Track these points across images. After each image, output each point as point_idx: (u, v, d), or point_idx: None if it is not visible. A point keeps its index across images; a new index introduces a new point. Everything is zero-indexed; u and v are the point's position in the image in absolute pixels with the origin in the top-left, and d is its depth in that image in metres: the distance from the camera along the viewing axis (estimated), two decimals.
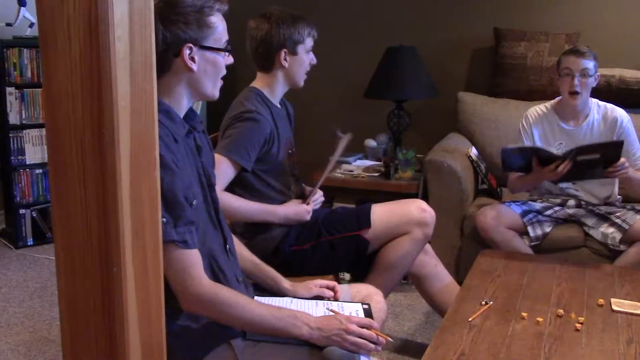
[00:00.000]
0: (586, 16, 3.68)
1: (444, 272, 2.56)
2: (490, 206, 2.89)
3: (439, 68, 3.89)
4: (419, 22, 4.00)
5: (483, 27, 3.82)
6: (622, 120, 2.83)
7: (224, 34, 1.52)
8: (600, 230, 2.83)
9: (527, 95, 3.57)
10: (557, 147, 2.88)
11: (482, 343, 1.82)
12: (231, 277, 1.59)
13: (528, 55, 3.58)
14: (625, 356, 1.76)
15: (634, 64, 3.56)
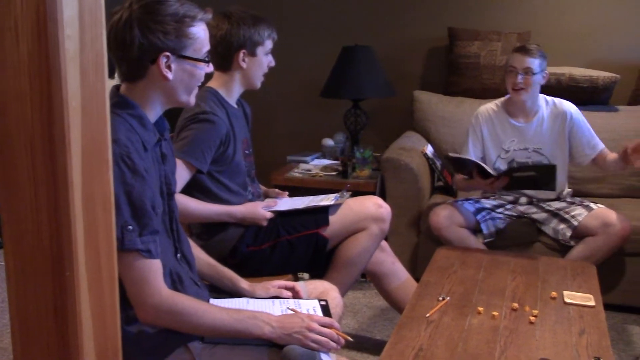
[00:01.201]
0: (537, 16, 3.77)
1: (402, 269, 2.59)
2: (443, 205, 2.93)
3: (394, 67, 3.92)
4: (374, 21, 4.03)
5: (437, 26, 3.87)
6: (570, 114, 2.91)
7: (205, 44, 1.50)
8: (551, 227, 2.89)
9: (481, 94, 3.64)
10: (509, 144, 2.94)
11: (440, 338, 1.85)
12: (187, 282, 1.57)
13: (481, 55, 3.65)
14: (577, 347, 1.81)
15: (583, 62, 3.66)
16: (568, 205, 2.92)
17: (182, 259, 1.59)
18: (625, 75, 3.51)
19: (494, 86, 3.61)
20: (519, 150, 2.94)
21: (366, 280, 3.33)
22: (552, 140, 2.92)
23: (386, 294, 2.59)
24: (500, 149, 2.97)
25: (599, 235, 2.72)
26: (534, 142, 2.93)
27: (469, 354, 1.76)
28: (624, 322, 2.95)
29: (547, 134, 2.92)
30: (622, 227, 2.71)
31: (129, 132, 1.39)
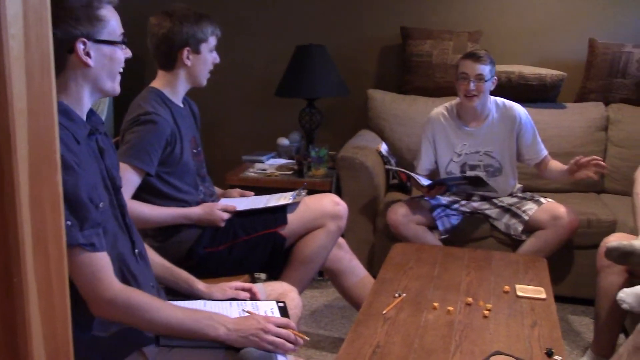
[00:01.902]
0: (487, 15, 3.83)
1: (359, 266, 2.60)
2: (400, 203, 2.96)
3: (349, 66, 3.94)
4: (328, 21, 4.04)
5: (390, 25, 3.90)
6: (520, 117, 2.97)
7: (118, 27, 1.48)
8: (504, 222, 2.96)
9: (434, 92, 3.68)
10: (461, 147, 2.99)
11: (397, 334, 1.87)
12: (143, 282, 1.55)
13: (434, 53, 3.69)
14: (530, 339, 1.85)
15: (532, 60, 3.74)
16: (519, 200, 2.98)
17: (139, 256, 1.56)
18: (571, 73, 3.60)
19: (447, 84, 3.66)
20: (471, 153, 2.99)
21: (324, 279, 3.33)
22: (502, 143, 2.98)
23: (344, 292, 2.60)
24: (452, 153, 3.01)
25: (548, 228, 2.80)
26: (484, 145, 2.98)
27: (425, 349, 1.79)
28: (574, 313, 3.03)
29: (497, 136, 2.98)
30: (570, 220, 2.78)
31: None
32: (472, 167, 3.00)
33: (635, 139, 3.42)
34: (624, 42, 3.56)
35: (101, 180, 1.46)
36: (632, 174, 2.48)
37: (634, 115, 3.49)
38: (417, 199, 2.99)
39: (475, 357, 1.74)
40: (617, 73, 3.56)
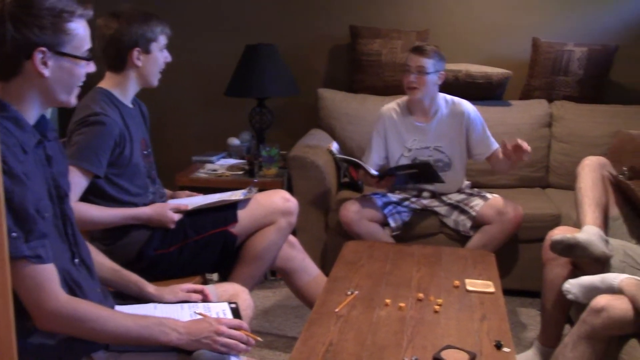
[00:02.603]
0: (434, 15, 3.89)
1: (312, 265, 2.61)
2: (352, 200, 2.98)
3: (299, 65, 3.94)
4: (277, 20, 4.02)
5: (340, 24, 3.92)
6: (468, 113, 3.03)
7: (86, 41, 1.44)
8: (452, 218, 3.01)
9: (384, 91, 3.72)
10: (412, 143, 3.03)
11: (349, 332, 1.88)
12: (88, 289, 1.51)
13: (383, 52, 3.73)
14: (479, 332, 1.89)
15: (478, 59, 3.81)
16: (467, 197, 3.04)
17: (80, 264, 1.52)
18: (516, 71, 3.69)
19: (396, 83, 3.69)
20: (421, 148, 3.04)
21: (276, 278, 3.33)
22: (451, 138, 3.03)
23: (297, 291, 2.60)
24: (403, 148, 3.05)
25: (494, 223, 2.86)
26: (434, 141, 3.03)
27: (377, 345, 1.80)
28: (521, 306, 3.11)
29: (447, 132, 3.03)
30: (515, 215, 2.86)
31: (4, 135, 1.32)
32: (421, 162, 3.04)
33: (577, 135, 3.53)
34: (566, 41, 3.67)
35: (46, 189, 1.42)
36: (575, 169, 2.55)
37: (576, 112, 3.60)
38: (368, 197, 3.02)
39: (427, 351, 1.76)
40: (559, 71, 3.66)
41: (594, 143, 3.46)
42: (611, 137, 3.44)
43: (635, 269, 2.21)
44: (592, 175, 2.47)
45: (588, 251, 2.21)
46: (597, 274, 2.13)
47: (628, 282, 1.98)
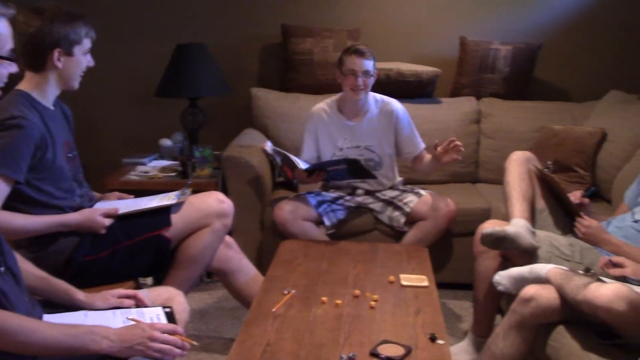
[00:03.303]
0: (365, 13, 3.93)
1: (249, 265, 2.59)
2: (286, 200, 2.98)
3: (231, 64, 3.90)
4: (208, 19, 3.97)
5: (271, 23, 3.91)
6: (397, 112, 3.08)
7: (7, 41, 1.38)
8: (387, 215, 3.05)
9: (316, 89, 3.73)
10: (343, 142, 3.05)
11: (287, 331, 1.88)
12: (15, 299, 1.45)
13: (314, 51, 3.74)
14: (414, 326, 1.92)
15: (408, 57, 3.88)
16: (400, 193, 3.09)
17: (6, 273, 1.46)
18: (445, 70, 3.77)
19: (329, 82, 3.72)
20: (352, 148, 3.06)
21: (213, 280, 3.29)
22: (381, 138, 3.07)
23: (235, 291, 2.58)
24: (334, 147, 3.07)
25: (428, 219, 2.92)
26: (365, 140, 3.06)
27: (314, 344, 1.81)
28: (455, 298, 3.18)
29: (377, 131, 3.07)
30: (447, 211, 2.92)
31: None
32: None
33: (505, 130, 3.64)
34: (492, 39, 3.77)
35: None
36: (503, 164, 2.63)
37: (502, 108, 3.71)
38: (302, 196, 3.02)
39: (364, 347, 1.78)
40: (486, 69, 3.77)
41: (520, 138, 3.58)
42: (536, 132, 3.57)
43: (561, 259, 2.30)
44: (518, 170, 2.55)
45: (516, 243, 2.28)
46: (525, 265, 2.20)
47: (554, 271, 2.06)
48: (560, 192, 2.52)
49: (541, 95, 3.89)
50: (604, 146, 3.29)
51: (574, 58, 3.94)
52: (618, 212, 2.61)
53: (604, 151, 3.28)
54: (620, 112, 3.39)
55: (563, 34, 3.90)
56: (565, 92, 3.96)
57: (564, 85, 3.98)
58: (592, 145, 3.30)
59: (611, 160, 3.19)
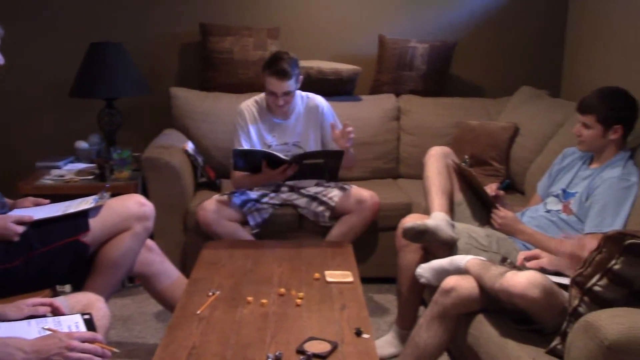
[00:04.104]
0: (284, 12, 3.93)
1: (172, 268, 2.54)
2: (210, 200, 2.94)
3: (149, 64, 3.82)
4: (124, 17, 3.87)
5: (189, 22, 3.84)
6: (322, 108, 3.11)
7: None
8: (312, 210, 3.06)
9: (237, 88, 3.70)
10: (271, 139, 3.04)
11: (212, 333, 1.85)
12: None
13: (234, 50, 3.70)
14: (340, 321, 1.94)
15: (328, 55, 3.91)
16: (324, 188, 3.12)
17: None
18: (365, 67, 3.82)
19: (249, 80, 3.70)
20: (280, 145, 3.06)
21: (135, 284, 3.21)
22: (309, 134, 3.10)
23: (158, 295, 2.53)
24: (263, 144, 3.06)
25: (354, 212, 2.95)
26: (293, 137, 3.07)
27: (241, 344, 1.79)
28: (380, 292, 3.24)
29: (304, 128, 3.09)
30: (372, 203, 2.97)
31: None
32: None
33: (424, 127, 3.73)
34: (410, 37, 3.85)
35: None
36: (423, 159, 2.69)
37: (421, 105, 3.80)
38: (226, 196, 2.99)
39: (290, 345, 1.78)
40: (404, 66, 3.84)
41: (439, 134, 3.67)
42: (453, 127, 3.67)
43: (479, 250, 2.38)
44: (437, 165, 2.62)
45: (437, 236, 2.34)
46: (446, 257, 2.26)
47: (473, 262, 2.13)
48: (476, 185, 2.60)
49: (457, 92, 4.01)
50: (516, 140, 3.43)
51: (487, 56, 4.08)
52: (531, 203, 2.73)
53: (516, 145, 3.41)
54: (530, 107, 3.54)
55: (476, 33, 4.04)
56: (480, 89, 4.10)
57: (478, 81, 4.12)
58: (506, 139, 3.42)
59: (524, 154, 3.32)
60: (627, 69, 3.32)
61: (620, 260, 1.55)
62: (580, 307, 1.67)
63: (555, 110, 3.33)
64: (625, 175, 2.33)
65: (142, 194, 3.04)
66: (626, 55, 3.34)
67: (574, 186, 2.48)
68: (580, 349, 1.52)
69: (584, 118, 2.44)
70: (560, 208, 2.47)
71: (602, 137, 2.40)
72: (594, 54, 3.71)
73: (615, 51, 3.45)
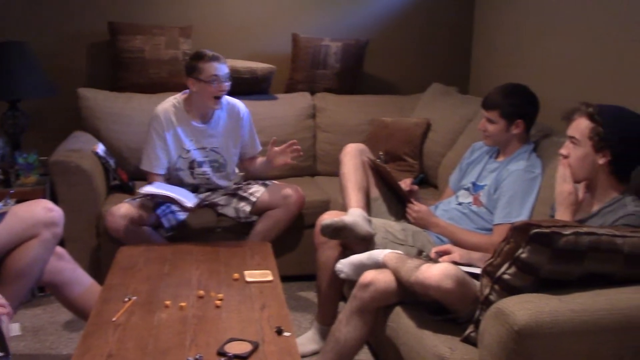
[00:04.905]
0: (196, 10, 3.87)
1: (84, 275, 2.46)
2: (120, 204, 2.84)
3: (55, 64, 3.66)
4: (28, 15, 3.69)
5: (97, 20, 3.72)
6: (242, 114, 3.09)
7: None
8: (232, 207, 3.04)
9: (149, 88, 3.61)
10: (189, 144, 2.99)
11: (129, 340, 1.81)
12: None
13: (146, 49, 3.61)
14: (260, 321, 1.94)
15: (242, 54, 3.88)
16: (244, 184, 3.10)
17: None
18: (280, 66, 3.83)
19: (162, 80, 3.62)
20: (198, 149, 3.01)
21: (46, 294, 3.08)
22: (227, 139, 3.06)
23: (70, 304, 2.43)
24: (181, 149, 2.99)
25: (279, 207, 2.95)
26: (211, 142, 3.03)
27: (159, 349, 1.76)
28: (300, 290, 3.25)
29: (224, 133, 3.05)
30: (298, 197, 2.99)
31: None
32: (199, 163, 3.03)
33: (339, 124, 3.77)
34: (323, 36, 3.89)
35: None
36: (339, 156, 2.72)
37: (336, 102, 3.84)
38: (138, 199, 2.91)
39: (211, 347, 1.76)
40: (318, 65, 3.87)
41: (354, 131, 3.73)
42: (368, 124, 3.73)
43: (396, 244, 2.43)
44: (353, 162, 2.66)
45: (354, 232, 2.38)
46: (364, 252, 2.30)
47: (390, 256, 2.17)
48: (391, 180, 2.66)
49: (371, 89, 4.08)
50: (429, 136, 3.53)
51: (399, 53, 4.17)
52: (444, 197, 2.82)
53: (429, 140, 3.51)
54: (441, 104, 3.65)
55: (388, 31, 4.12)
56: (392, 86, 4.19)
57: (391, 79, 4.21)
58: (419, 135, 3.52)
59: (436, 149, 3.42)
60: (530, 66, 3.48)
61: (527, 249, 1.62)
62: (491, 295, 1.74)
63: (464, 106, 3.45)
64: (529, 168, 2.45)
65: (51, 199, 2.92)
66: (529, 52, 3.50)
67: (482, 179, 2.58)
68: (492, 335, 1.58)
69: (488, 114, 2.54)
70: (471, 200, 2.56)
71: (506, 131, 2.52)
72: (499, 51, 3.87)
73: (519, 49, 3.61)
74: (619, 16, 2.77)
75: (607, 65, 2.84)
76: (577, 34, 3.06)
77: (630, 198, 1.91)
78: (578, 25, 3.06)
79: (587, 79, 2.99)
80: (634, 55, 2.67)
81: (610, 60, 2.82)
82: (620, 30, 2.76)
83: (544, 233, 1.59)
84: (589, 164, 1.95)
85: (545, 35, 3.34)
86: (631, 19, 2.69)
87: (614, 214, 1.89)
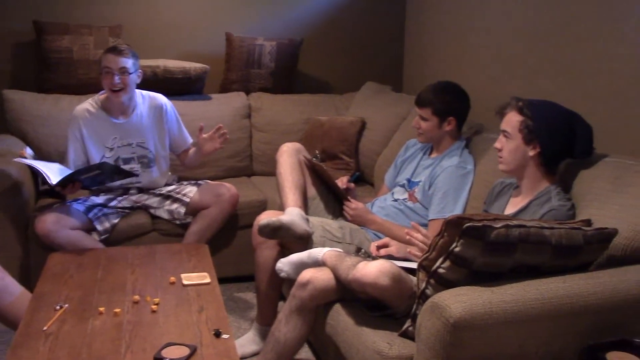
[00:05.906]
0: (127, 9, 3.78)
1: (14, 283, 2.36)
2: (49, 210, 2.76)
3: None
4: None
5: (22, 19, 3.59)
6: (165, 107, 3.05)
7: None
8: (166, 208, 2.99)
9: (78, 89, 3.51)
10: (112, 142, 2.92)
11: (62, 349, 1.75)
12: None
13: (74, 49, 3.51)
14: (198, 324, 1.91)
15: (175, 54, 3.83)
16: (177, 186, 3.06)
17: None
18: (214, 66, 3.79)
19: (91, 81, 3.52)
20: (123, 146, 2.95)
21: None
22: (153, 133, 3.01)
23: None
24: (104, 148, 2.92)
25: (213, 205, 2.92)
26: (136, 137, 2.97)
27: (94, 358, 1.71)
28: (239, 291, 3.23)
29: (148, 127, 2.99)
30: (231, 194, 2.97)
31: None
32: (125, 160, 2.96)
33: (274, 124, 3.76)
34: (257, 35, 3.87)
35: None
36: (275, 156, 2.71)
37: (271, 102, 3.83)
38: (68, 204, 2.82)
39: (147, 353, 1.73)
40: (253, 64, 3.85)
41: (290, 130, 3.73)
42: (304, 123, 3.74)
43: (334, 242, 2.44)
44: (290, 161, 2.66)
45: (292, 231, 2.37)
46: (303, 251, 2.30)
47: (329, 254, 2.18)
48: (328, 179, 2.67)
49: (306, 89, 4.09)
50: (364, 134, 3.56)
51: (333, 52, 4.20)
52: (380, 194, 2.85)
53: (364, 138, 3.55)
54: (376, 102, 3.69)
55: (321, 30, 4.14)
56: (327, 85, 4.21)
57: (325, 78, 4.23)
58: (354, 133, 3.55)
59: (371, 147, 3.46)
60: (461, 64, 3.56)
61: (460, 242, 1.66)
62: (427, 289, 1.77)
63: (398, 104, 3.50)
64: (462, 164, 2.50)
65: None
66: (459, 50, 3.59)
67: (417, 175, 2.62)
68: (429, 328, 1.61)
69: (421, 111, 2.59)
70: (406, 197, 2.60)
71: (439, 128, 2.57)
72: (430, 50, 3.94)
73: (450, 47, 3.69)
74: (539, 10, 2.87)
75: (535, 60, 2.93)
76: (499, 31, 3.16)
77: (556, 191, 1.99)
78: (500, 23, 3.15)
79: (514, 75, 3.09)
80: (557, 50, 2.77)
81: (536, 55, 2.91)
82: (540, 25, 2.86)
83: (476, 227, 1.62)
84: (521, 156, 2.05)
85: (472, 33, 3.43)
86: (551, 14, 2.79)
87: (540, 207, 1.97)
